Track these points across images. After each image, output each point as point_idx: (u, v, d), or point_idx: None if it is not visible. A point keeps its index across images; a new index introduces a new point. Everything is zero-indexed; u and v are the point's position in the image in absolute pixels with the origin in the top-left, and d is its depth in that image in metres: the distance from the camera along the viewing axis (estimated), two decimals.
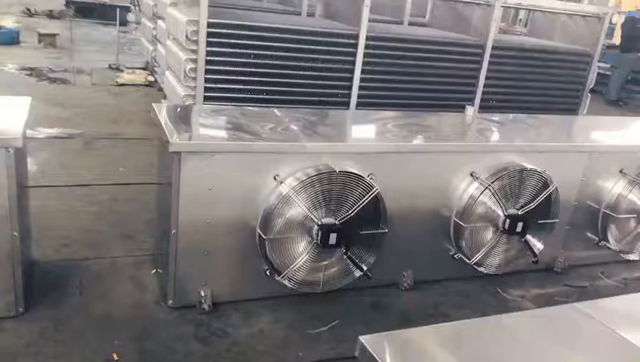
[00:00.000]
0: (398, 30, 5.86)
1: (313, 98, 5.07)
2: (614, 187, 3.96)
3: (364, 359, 1.38)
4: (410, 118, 4.27)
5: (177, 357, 2.71)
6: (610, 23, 7.62)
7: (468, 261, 3.56)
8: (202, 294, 3.06)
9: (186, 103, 4.75)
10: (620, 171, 3.95)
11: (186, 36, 4.65)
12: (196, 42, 4.63)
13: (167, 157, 2.93)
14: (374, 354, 1.33)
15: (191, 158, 2.85)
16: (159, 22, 7.03)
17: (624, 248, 4.12)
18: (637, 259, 4.19)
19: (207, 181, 2.91)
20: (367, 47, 5.10)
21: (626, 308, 1.82)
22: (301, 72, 5.02)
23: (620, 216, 3.96)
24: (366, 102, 5.24)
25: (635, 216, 4.02)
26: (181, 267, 3.01)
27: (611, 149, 4.08)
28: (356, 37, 5.06)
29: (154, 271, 3.40)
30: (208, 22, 4.59)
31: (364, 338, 1.39)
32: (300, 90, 5.05)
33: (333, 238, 3.03)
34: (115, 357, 2.65)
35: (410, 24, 7.11)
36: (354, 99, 5.19)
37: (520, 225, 3.48)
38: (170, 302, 3.07)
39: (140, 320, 2.95)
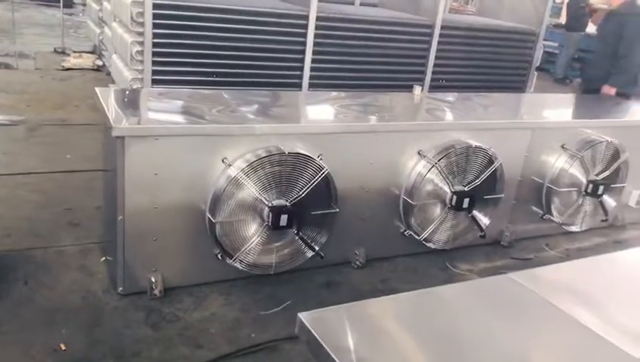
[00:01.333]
0: (348, 10, 5.86)
1: (264, 79, 5.03)
2: (556, 162, 4.11)
3: (303, 335, 1.41)
4: (360, 98, 4.30)
5: (127, 343, 2.68)
6: (555, 2, 7.82)
7: (417, 237, 3.64)
8: (153, 280, 3.03)
9: (134, 87, 4.63)
10: (562, 146, 4.10)
11: (131, 18, 4.52)
12: (142, 24, 4.51)
13: (111, 142, 2.86)
14: (312, 330, 1.36)
15: (135, 143, 2.79)
16: (105, 3, 6.80)
17: (566, 220, 4.30)
18: (578, 230, 4.38)
19: (153, 166, 2.86)
20: (317, 27, 5.09)
21: (557, 277, 1.91)
22: (251, 53, 4.97)
23: (562, 189, 4.12)
24: (318, 83, 5.24)
25: (575, 189, 4.20)
26: (129, 253, 2.97)
27: (553, 125, 4.23)
28: (306, 17, 5.03)
29: (103, 259, 3.34)
30: (154, 2, 4.47)
31: (302, 315, 1.42)
32: (251, 71, 5.00)
33: (284, 220, 3.04)
34: (63, 347, 2.60)
35: (361, 4, 7.12)
36: (306, 80, 5.19)
37: (467, 201, 3.58)
38: (120, 289, 3.02)
39: (89, 309, 2.90)
